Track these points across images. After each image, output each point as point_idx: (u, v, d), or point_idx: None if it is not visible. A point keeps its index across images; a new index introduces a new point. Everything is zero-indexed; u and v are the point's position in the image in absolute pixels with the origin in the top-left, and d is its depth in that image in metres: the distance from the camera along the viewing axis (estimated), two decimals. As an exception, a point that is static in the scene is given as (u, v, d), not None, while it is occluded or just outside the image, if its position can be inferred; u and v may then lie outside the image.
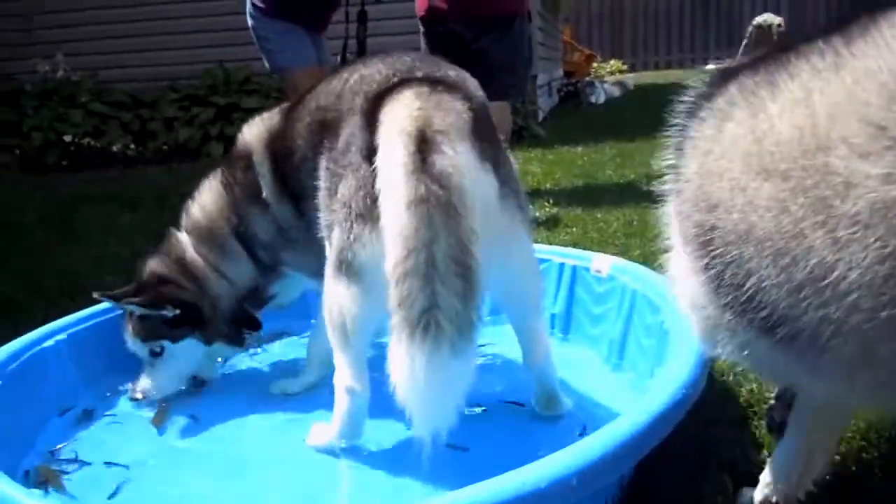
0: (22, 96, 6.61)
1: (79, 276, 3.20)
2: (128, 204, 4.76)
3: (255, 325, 2.07)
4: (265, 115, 1.99)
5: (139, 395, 1.93)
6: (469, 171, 1.31)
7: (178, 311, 1.91)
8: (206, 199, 1.99)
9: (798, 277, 0.92)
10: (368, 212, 1.40)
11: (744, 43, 14.69)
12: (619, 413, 1.41)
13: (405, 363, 1.21)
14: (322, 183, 1.61)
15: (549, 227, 3.60)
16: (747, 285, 1.01)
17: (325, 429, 1.63)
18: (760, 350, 1.09)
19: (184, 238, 2.00)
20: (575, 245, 3.22)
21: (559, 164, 5.45)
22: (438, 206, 1.24)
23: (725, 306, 1.10)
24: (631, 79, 13.87)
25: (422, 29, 4.39)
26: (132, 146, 6.65)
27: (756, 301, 1.00)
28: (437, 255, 1.23)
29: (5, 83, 6.65)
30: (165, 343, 1.92)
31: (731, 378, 1.90)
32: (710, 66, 12.06)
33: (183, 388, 2.01)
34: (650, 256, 2.91)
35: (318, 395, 1.89)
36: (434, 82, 1.44)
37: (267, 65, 4.41)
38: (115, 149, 6.53)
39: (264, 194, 1.89)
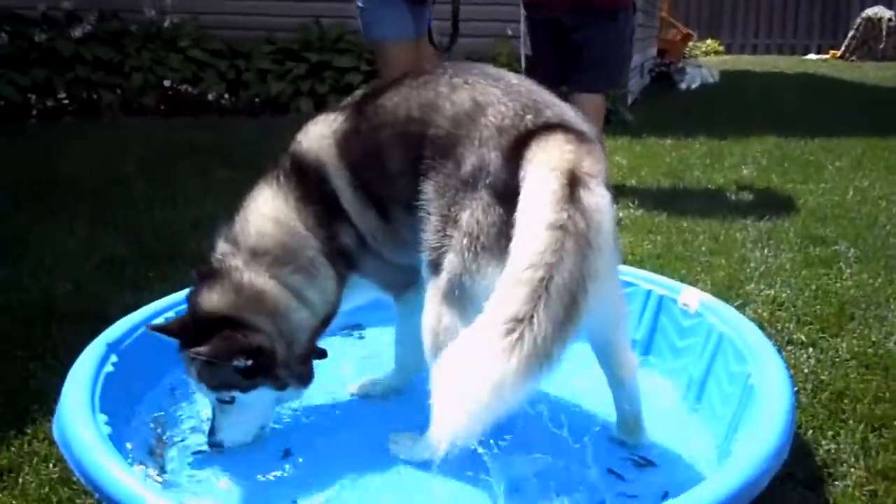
0: (126, 36, 6.82)
1: (178, 237, 3.37)
2: (222, 159, 4.92)
3: (321, 354, 1.87)
4: (325, 119, 1.82)
5: (214, 448, 1.78)
6: (609, 215, 1.40)
7: (250, 362, 1.70)
8: (275, 214, 1.78)
9: None
10: (496, 246, 1.46)
11: (850, 35, 14.02)
12: (701, 474, 1.45)
13: (479, 356, 1.25)
14: (430, 205, 1.61)
15: (632, 232, 3.59)
16: None
17: (416, 440, 1.71)
18: None
19: (244, 263, 1.76)
20: (658, 257, 3.23)
21: (646, 158, 5.38)
22: (575, 235, 1.33)
23: None
24: (727, 62, 13.40)
25: (523, 12, 4.36)
26: (226, 96, 6.81)
27: None
28: (555, 279, 1.30)
29: (111, 22, 6.86)
30: (235, 393, 1.73)
31: (808, 434, 1.91)
32: (810, 57, 11.52)
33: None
34: (735, 282, 2.91)
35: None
36: (577, 131, 1.52)
37: (364, 35, 4.42)
38: (210, 97, 6.70)
39: (343, 205, 1.77)
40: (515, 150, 1.50)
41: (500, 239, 1.46)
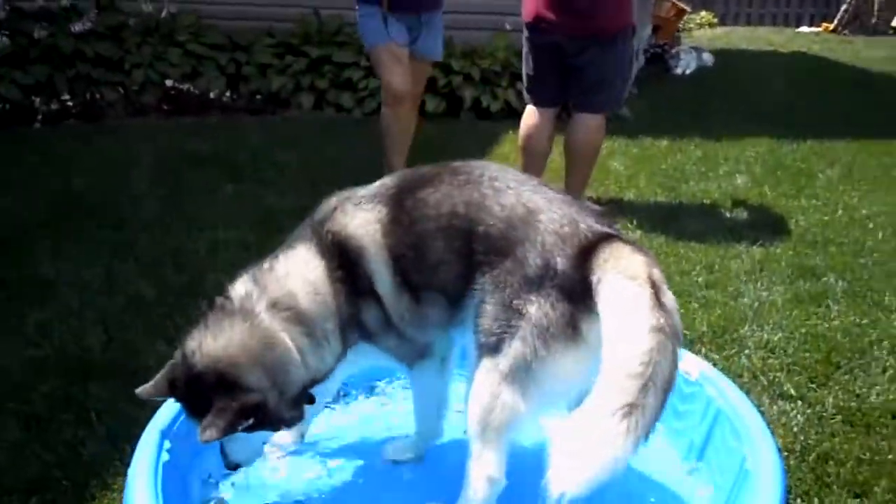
0: (124, 30, 6.81)
1: (197, 267, 3.49)
2: (228, 170, 5.02)
3: (311, 400, 1.98)
4: (362, 201, 1.95)
5: (231, 469, 1.95)
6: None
7: (251, 421, 1.78)
8: (313, 280, 1.89)
9: None
10: (563, 336, 1.75)
11: (843, 8, 14.01)
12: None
13: (597, 436, 1.53)
14: (487, 296, 1.81)
15: (631, 258, 3.75)
16: None
17: None
18: None
19: (264, 310, 1.84)
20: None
21: (643, 163, 5.51)
22: (672, 335, 1.63)
23: None
24: (721, 37, 13.41)
25: (525, 33, 4.45)
26: (227, 93, 6.85)
27: None
28: (660, 372, 1.59)
29: (110, 15, 6.83)
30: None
31: (797, 502, 2.11)
32: (803, 29, 11.47)
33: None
34: (730, 324, 3.08)
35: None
36: (630, 241, 1.84)
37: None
38: (211, 95, 6.73)
39: (378, 288, 1.90)
40: (582, 256, 1.76)
41: (566, 330, 1.75)
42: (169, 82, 6.66)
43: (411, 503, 2.04)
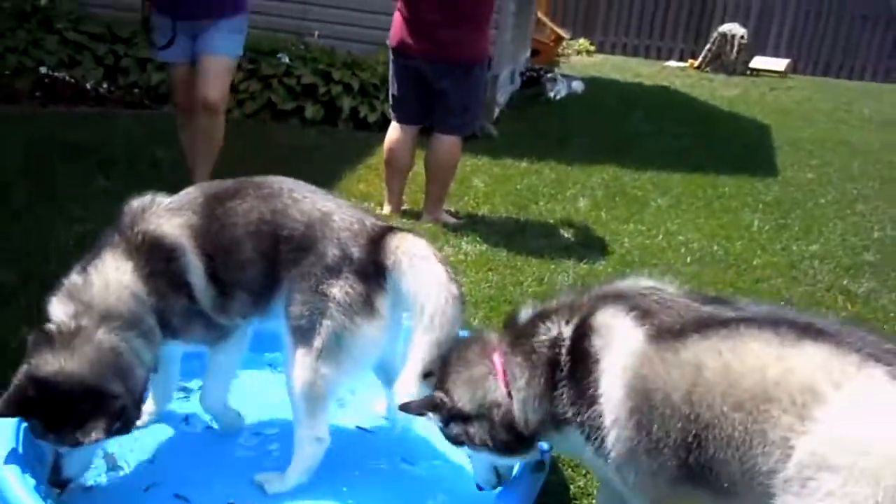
0: (-1, 14, 6.73)
1: (66, 258, 3.63)
2: (102, 162, 5.14)
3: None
4: (172, 207, 2.29)
5: (61, 486, 2.07)
6: None
7: (119, 425, 2.01)
8: (129, 283, 2.14)
9: None
10: (363, 310, 2.19)
11: (707, 47, 15.29)
12: None
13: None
14: (294, 285, 2.23)
15: (475, 269, 4.20)
16: None
17: (283, 476, 2.26)
18: None
19: (97, 325, 2.06)
20: (491, 299, 3.82)
21: (501, 183, 6.02)
22: (462, 299, 2.24)
23: None
24: (595, 65, 14.32)
25: (391, 56, 4.85)
26: (104, 85, 6.86)
27: None
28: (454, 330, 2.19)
29: (-16, -5, 6.74)
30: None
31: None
32: (671, 63, 12.45)
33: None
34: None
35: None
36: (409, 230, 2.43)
37: None
38: (88, 86, 6.74)
39: (191, 280, 2.23)
40: (372, 245, 2.21)
41: (365, 307, 2.17)
42: (43, 69, 6.61)
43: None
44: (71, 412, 1.97)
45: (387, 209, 5.05)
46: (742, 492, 1.59)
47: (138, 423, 2.45)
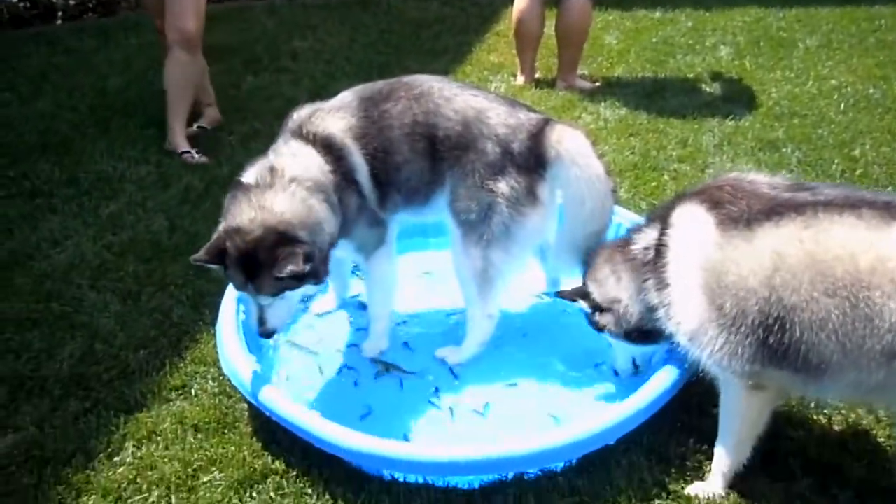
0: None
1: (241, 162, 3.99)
2: (246, 63, 5.44)
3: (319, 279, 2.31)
4: (332, 110, 2.44)
5: (267, 336, 2.26)
6: None
7: (308, 267, 2.10)
8: (315, 160, 2.31)
9: None
10: (527, 201, 2.41)
11: None
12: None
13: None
14: (460, 183, 2.42)
15: (616, 135, 4.21)
16: None
17: (459, 349, 2.56)
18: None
19: (298, 187, 2.21)
20: (635, 166, 3.86)
21: (635, 37, 5.83)
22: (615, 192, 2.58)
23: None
24: None
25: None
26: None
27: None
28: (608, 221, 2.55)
29: None
30: (287, 293, 2.19)
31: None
32: None
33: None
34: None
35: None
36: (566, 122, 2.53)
37: None
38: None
39: (358, 178, 2.39)
40: (531, 140, 2.38)
41: (529, 197, 2.37)
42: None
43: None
44: (265, 257, 2.10)
45: (520, 80, 5.06)
46: (836, 370, 1.74)
47: (328, 307, 2.83)
